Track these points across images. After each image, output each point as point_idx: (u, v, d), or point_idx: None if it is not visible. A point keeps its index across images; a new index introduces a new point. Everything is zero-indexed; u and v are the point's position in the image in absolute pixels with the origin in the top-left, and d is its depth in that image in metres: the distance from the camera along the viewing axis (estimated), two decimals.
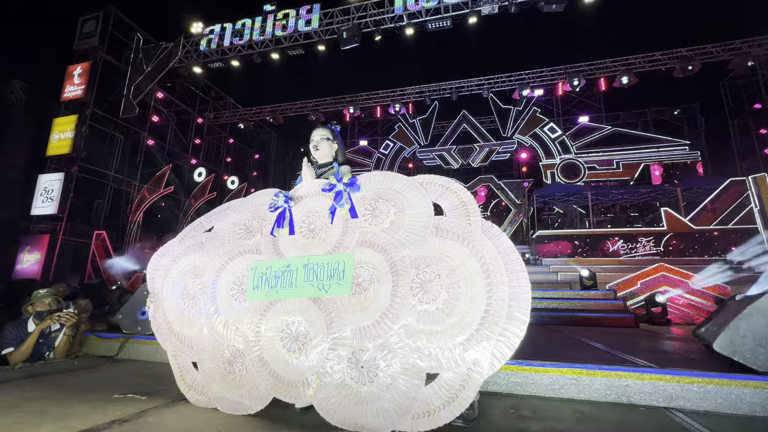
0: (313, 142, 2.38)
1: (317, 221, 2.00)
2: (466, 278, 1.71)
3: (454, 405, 1.60)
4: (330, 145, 2.38)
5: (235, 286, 2.06)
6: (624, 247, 10.04)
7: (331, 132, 2.42)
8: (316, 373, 1.80)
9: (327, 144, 2.37)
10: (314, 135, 2.39)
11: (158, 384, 2.38)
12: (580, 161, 14.48)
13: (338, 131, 2.45)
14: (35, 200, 11.27)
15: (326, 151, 2.37)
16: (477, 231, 1.79)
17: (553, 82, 13.86)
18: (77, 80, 11.90)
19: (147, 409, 1.90)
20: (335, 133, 2.43)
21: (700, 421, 1.80)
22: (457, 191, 1.93)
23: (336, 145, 2.41)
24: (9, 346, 2.95)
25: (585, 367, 2.11)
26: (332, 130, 2.43)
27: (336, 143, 2.41)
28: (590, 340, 3.78)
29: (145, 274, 2.48)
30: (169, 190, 12.21)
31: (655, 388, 1.99)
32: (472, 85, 14.54)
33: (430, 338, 1.68)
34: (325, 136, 2.37)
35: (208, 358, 2.02)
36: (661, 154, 14.06)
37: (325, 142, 2.37)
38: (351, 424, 1.68)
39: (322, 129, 2.40)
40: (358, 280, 1.84)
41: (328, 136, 2.38)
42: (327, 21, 11.09)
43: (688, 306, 6.88)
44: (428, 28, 10.43)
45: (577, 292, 6.64)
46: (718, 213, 10.39)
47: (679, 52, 12.03)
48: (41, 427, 1.60)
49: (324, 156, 2.38)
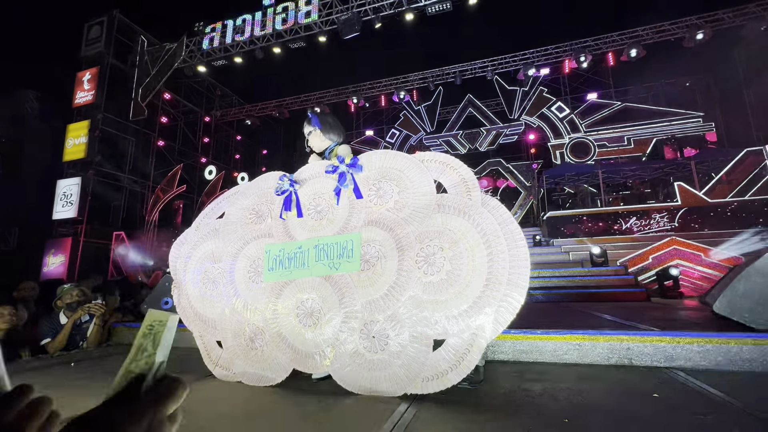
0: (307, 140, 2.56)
1: (323, 203, 2.10)
2: (468, 249, 1.80)
3: (460, 368, 1.71)
4: (318, 135, 2.52)
5: (251, 269, 2.19)
6: (637, 224, 9.94)
7: (309, 123, 2.54)
8: (331, 345, 1.92)
9: (315, 136, 2.53)
10: (304, 131, 2.58)
11: (184, 365, 2.55)
12: (590, 139, 14.24)
13: (316, 118, 2.53)
14: (56, 205, 11.68)
15: (317, 141, 2.53)
16: (477, 204, 1.87)
17: (559, 59, 13.59)
18: (87, 86, 12.17)
19: None
20: (315, 121, 2.54)
21: (699, 377, 1.87)
22: (458, 168, 2.01)
23: (322, 132, 2.51)
24: (46, 337, 3.17)
25: (587, 333, 2.19)
26: (310, 119, 2.54)
27: (320, 129, 2.51)
28: (600, 312, 3.85)
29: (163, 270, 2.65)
30: (181, 189, 12.49)
31: (656, 349, 2.07)
32: (476, 67, 14.36)
33: (436, 307, 1.78)
34: (308, 131, 2.54)
35: (231, 336, 2.16)
36: (674, 128, 13.71)
37: (312, 136, 2.53)
38: (366, 389, 1.81)
39: (306, 125, 2.56)
40: (366, 257, 1.94)
41: (310, 129, 2.53)
42: (326, 11, 11.06)
43: (701, 279, 6.84)
44: (428, 12, 10.32)
45: (588, 269, 6.66)
46: (734, 185, 10.15)
47: (689, 21, 11.65)
48: (87, 399, 1.78)
49: (318, 146, 2.53)
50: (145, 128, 13.73)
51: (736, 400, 1.55)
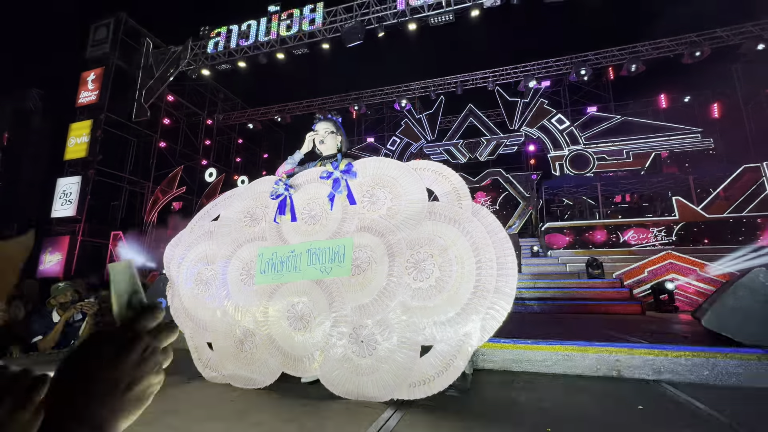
0: (318, 136, 2.46)
1: (317, 208, 2.13)
2: (457, 257, 1.82)
3: (447, 374, 1.72)
4: (334, 138, 2.48)
5: (243, 271, 2.20)
6: (634, 237, 9.97)
7: (335, 125, 2.51)
8: (320, 349, 1.93)
9: (332, 137, 2.47)
10: (319, 129, 2.47)
11: (175, 366, 2.54)
12: (590, 152, 14.33)
13: (340, 122, 2.56)
14: (55, 203, 11.69)
15: (331, 144, 2.48)
16: (467, 213, 1.90)
17: (560, 72, 13.74)
18: (91, 86, 12.27)
19: (166, 384, 2.06)
20: (338, 126, 2.53)
21: (686, 390, 1.88)
22: (450, 177, 2.04)
23: (340, 137, 2.51)
24: (37, 334, 3.17)
25: (576, 343, 2.20)
26: (336, 122, 2.53)
27: (340, 135, 2.51)
28: (593, 324, 3.85)
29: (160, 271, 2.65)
30: (181, 191, 12.53)
31: (644, 362, 2.08)
32: (477, 78, 14.51)
33: (425, 313, 1.80)
34: (329, 130, 2.46)
35: (221, 338, 2.17)
36: (673, 143, 13.81)
37: (330, 135, 2.47)
38: (353, 394, 1.81)
39: (326, 122, 2.49)
40: (357, 262, 1.96)
41: (332, 129, 2.47)
42: (330, 19, 11.20)
43: (697, 293, 6.84)
44: (431, 23, 10.46)
45: (584, 281, 6.67)
46: (731, 201, 10.21)
47: (688, 38, 11.81)
48: None
49: (329, 149, 2.48)
50: (147, 129, 13.80)
51: (720, 414, 1.56)
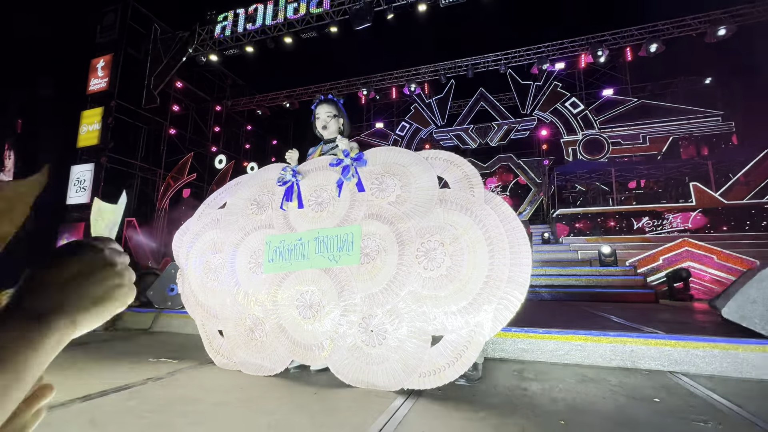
0: (320, 119, 2.39)
1: (324, 194, 2.09)
2: (469, 246, 1.77)
3: (458, 364, 1.70)
4: (337, 121, 2.42)
5: (252, 259, 2.19)
6: (649, 224, 9.76)
7: (336, 107, 2.42)
8: (329, 338, 1.93)
9: (334, 121, 2.40)
10: (320, 112, 2.40)
11: (187, 351, 2.59)
12: (604, 136, 13.95)
13: (341, 103, 2.47)
14: (69, 190, 11.92)
15: (334, 127, 2.42)
16: (480, 201, 1.84)
17: (575, 54, 13.27)
18: (101, 73, 12.30)
19: (178, 370, 2.09)
20: (340, 107, 2.44)
21: (703, 383, 1.83)
22: (461, 165, 1.98)
23: (342, 119, 2.45)
24: None
25: (590, 333, 2.16)
26: (337, 104, 2.43)
27: (342, 117, 2.45)
28: (605, 313, 3.79)
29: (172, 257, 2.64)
30: (191, 178, 12.61)
31: (660, 352, 2.03)
32: (489, 61, 14.11)
33: (435, 303, 1.77)
34: (331, 113, 2.39)
35: (231, 326, 2.18)
36: (692, 127, 13.36)
37: (332, 119, 2.41)
38: (363, 383, 1.81)
39: (328, 105, 2.40)
40: (366, 251, 1.93)
41: (334, 112, 2.39)
42: (338, 1, 10.94)
43: (713, 282, 6.68)
44: (441, 3, 10.14)
45: (596, 268, 6.55)
46: (752, 186, 9.89)
47: (713, 15, 11.25)
48: (89, 382, 1.81)
49: (332, 132, 2.42)
50: (157, 116, 13.85)
51: (740, 408, 1.51)
